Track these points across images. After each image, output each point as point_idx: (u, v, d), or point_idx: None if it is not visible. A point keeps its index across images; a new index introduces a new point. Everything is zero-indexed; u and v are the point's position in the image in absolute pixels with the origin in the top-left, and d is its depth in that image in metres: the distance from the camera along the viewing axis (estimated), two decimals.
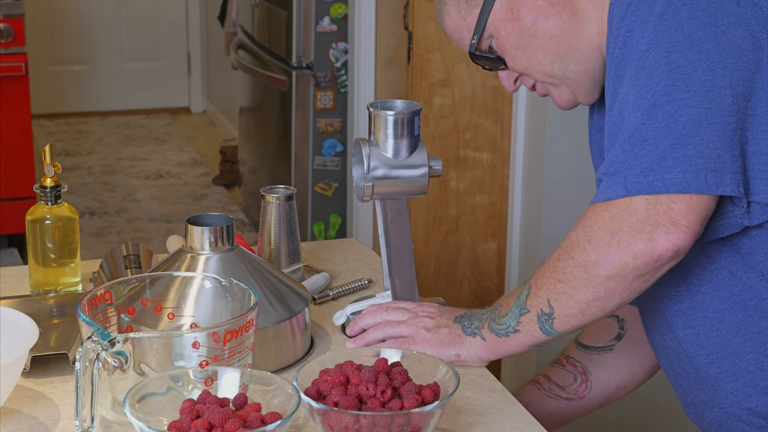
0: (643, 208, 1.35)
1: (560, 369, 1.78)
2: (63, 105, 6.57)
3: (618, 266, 1.38)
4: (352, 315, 1.68)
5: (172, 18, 6.66)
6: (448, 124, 3.39)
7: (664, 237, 1.35)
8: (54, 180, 1.73)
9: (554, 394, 1.77)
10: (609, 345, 1.77)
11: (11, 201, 4.45)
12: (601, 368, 1.77)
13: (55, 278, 1.77)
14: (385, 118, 1.63)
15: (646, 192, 1.35)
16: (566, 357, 1.79)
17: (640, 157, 1.36)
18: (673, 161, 1.34)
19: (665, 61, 1.36)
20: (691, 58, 1.36)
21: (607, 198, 1.38)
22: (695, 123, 1.35)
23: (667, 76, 1.36)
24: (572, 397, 1.77)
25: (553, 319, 1.46)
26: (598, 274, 1.40)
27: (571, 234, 1.44)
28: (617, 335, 1.76)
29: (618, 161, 1.38)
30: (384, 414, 1.29)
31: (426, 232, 3.47)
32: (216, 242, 1.54)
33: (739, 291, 1.44)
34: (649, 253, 1.36)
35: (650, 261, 1.36)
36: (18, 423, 1.42)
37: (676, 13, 1.37)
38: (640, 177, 1.35)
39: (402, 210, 1.67)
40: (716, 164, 1.34)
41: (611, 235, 1.37)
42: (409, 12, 3.38)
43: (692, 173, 1.34)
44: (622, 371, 1.78)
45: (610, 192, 1.38)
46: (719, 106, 1.35)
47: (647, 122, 1.36)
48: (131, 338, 1.34)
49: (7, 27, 4.35)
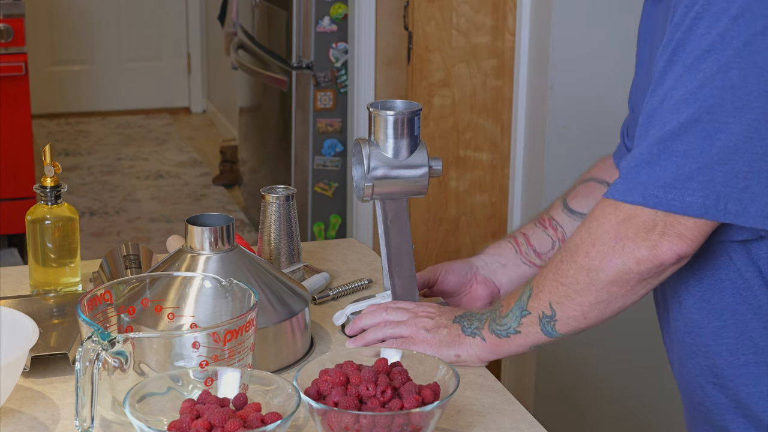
0: (652, 218, 1.35)
1: (541, 231, 1.75)
2: (63, 105, 6.57)
3: (621, 271, 1.38)
4: (352, 315, 1.68)
5: (172, 18, 6.67)
6: (448, 124, 3.39)
7: (668, 246, 1.34)
8: (54, 180, 1.73)
9: (530, 261, 1.75)
10: None
11: (11, 201, 4.45)
12: None
13: (55, 278, 1.76)
14: (385, 118, 1.63)
15: (662, 208, 1.34)
16: (550, 218, 1.76)
17: (665, 167, 1.34)
18: (697, 184, 1.32)
19: (721, 76, 1.31)
20: (749, 80, 1.30)
21: (621, 199, 1.37)
22: (731, 151, 1.31)
23: (718, 93, 1.31)
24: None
25: (555, 321, 1.46)
26: (601, 279, 1.39)
27: (576, 235, 1.43)
28: None
29: (643, 163, 1.35)
30: (384, 414, 1.29)
31: (426, 232, 3.47)
32: (216, 242, 1.54)
33: (734, 277, 1.44)
34: (653, 260, 1.35)
35: (653, 267, 1.36)
36: (18, 423, 1.42)
37: (751, 23, 1.30)
38: (660, 191, 1.34)
39: (402, 210, 1.67)
40: (742, 194, 1.32)
41: (615, 240, 1.37)
42: (409, 12, 3.38)
43: (713, 200, 1.32)
44: None
45: (627, 195, 1.36)
46: (762, 135, 1.31)
47: (683, 134, 1.33)
48: (131, 338, 1.34)
49: (7, 27, 4.35)
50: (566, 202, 1.76)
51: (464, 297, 1.76)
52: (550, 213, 1.77)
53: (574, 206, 1.75)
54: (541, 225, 1.76)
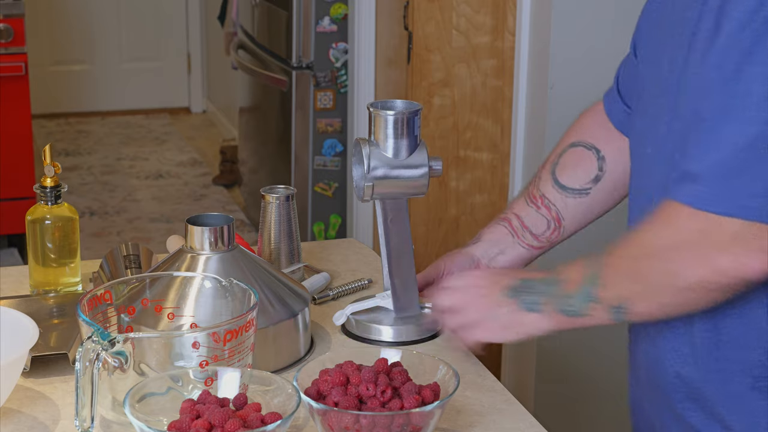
0: (736, 230, 1.30)
1: (534, 211, 1.73)
2: (63, 105, 6.57)
3: (702, 281, 1.34)
4: (352, 315, 1.68)
5: (172, 18, 6.67)
6: (448, 124, 3.40)
7: (755, 259, 1.30)
8: (54, 180, 1.73)
9: (527, 243, 1.73)
10: (586, 188, 1.71)
11: (11, 201, 4.45)
12: (576, 213, 1.72)
13: (55, 278, 1.77)
14: (385, 118, 1.63)
15: (755, 219, 1.29)
16: (541, 196, 1.73)
17: (756, 176, 1.29)
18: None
19: None
20: None
21: (705, 209, 1.32)
22: None
23: None
24: (544, 245, 1.74)
25: (626, 313, 1.41)
26: (680, 285, 1.36)
27: (652, 234, 1.38)
28: (595, 177, 1.71)
29: (731, 171, 1.31)
30: (384, 414, 1.29)
31: (426, 232, 3.47)
32: (216, 242, 1.54)
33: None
34: (737, 273, 1.31)
35: (737, 280, 1.32)
36: (18, 423, 1.42)
37: None
38: (751, 201, 1.29)
39: (402, 210, 1.67)
40: None
41: (699, 249, 1.33)
42: (409, 12, 3.38)
43: None
44: (594, 214, 1.74)
45: (712, 205, 1.31)
46: None
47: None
48: (131, 338, 1.34)
49: (7, 27, 4.35)
50: (555, 175, 1.73)
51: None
52: (540, 188, 1.73)
53: (564, 181, 1.72)
54: (533, 204, 1.73)
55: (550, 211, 1.72)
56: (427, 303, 1.69)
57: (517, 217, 1.74)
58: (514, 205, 1.75)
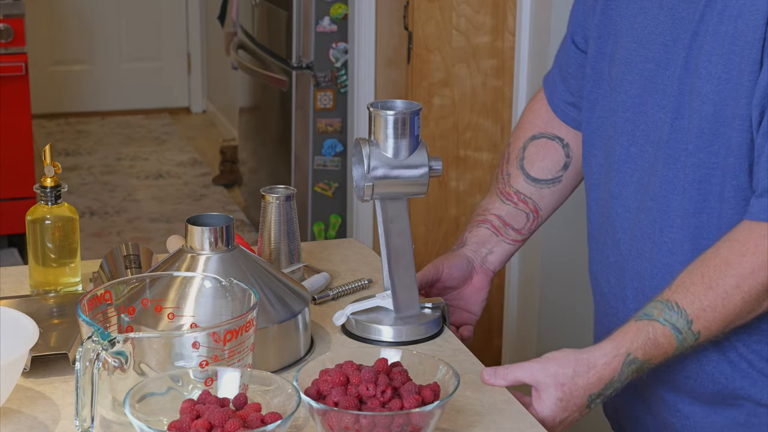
0: None
1: (513, 208, 1.78)
2: (63, 105, 6.57)
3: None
4: (352, 315, 1.68)
5: (172, 18, 6.67)
6: (448, 124, 3.40)
7: None
8: (54, 180, 1.73)
9: (511, 239, 1.78)
10: (557, 177, 1.77)
11: (11, 201, 4.45)
12: (551, 201, 1.78)
13: (55, 278, 1.77)
14: (385, 118, 1.63)
15: None
16: (516, 192, 1.77)
17: None
18: None
19: None
20: None
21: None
22: None
23: None
24: (526, 236, 1.80)
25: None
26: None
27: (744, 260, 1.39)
28: (564, 164, 1.77)
29: None
30: (384, 414, 1.29)
31: (426, 233, 3.47)
32: (216, 242, 1.54)
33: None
34: None
35: None
36: (18, 423, 1.42)
37: None
38: None
39: (402, 210, 1.67)
40: None
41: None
42: (409, 12, 3.38)
43: None
44: (566, 196, 1.80)
45: None
46: None
47: None
48: (131, 338, 1.34)
49: (7, 27, 4.35)
50: (525, 170, 1.78)
51: (466, 289, 1.78)
52: (512, 185, 1.78)
53: (536, 173, 1.77)
54: (510, 201, 1.78)
55: (528, 204, 1.78)
56: (427, 303, 1.69)
57: (497, 217, 1.78)
58: (489, 206, 1.80)
